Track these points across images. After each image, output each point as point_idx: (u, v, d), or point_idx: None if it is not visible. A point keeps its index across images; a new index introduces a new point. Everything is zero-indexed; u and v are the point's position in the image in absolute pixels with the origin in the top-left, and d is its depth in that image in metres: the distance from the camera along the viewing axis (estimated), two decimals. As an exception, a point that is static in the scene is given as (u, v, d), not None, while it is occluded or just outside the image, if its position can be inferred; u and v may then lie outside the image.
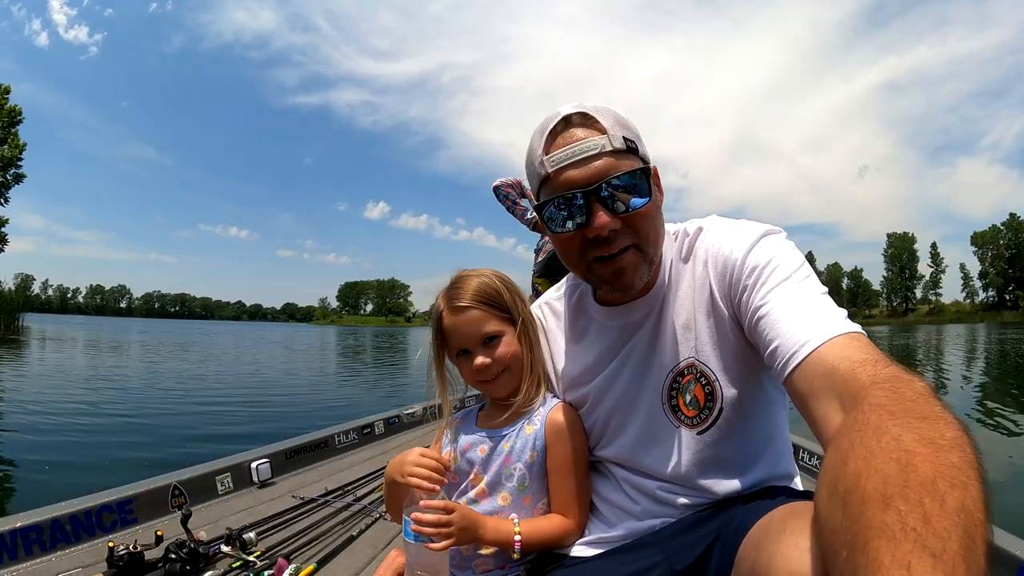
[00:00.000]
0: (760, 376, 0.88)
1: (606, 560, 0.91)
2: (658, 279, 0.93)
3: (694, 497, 0.89)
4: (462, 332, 1.01)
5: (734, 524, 0.74)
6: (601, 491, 1.00)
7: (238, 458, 2.18)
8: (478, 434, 1.07)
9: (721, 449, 0.88)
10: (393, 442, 2.96)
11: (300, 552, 1.57)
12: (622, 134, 0.82)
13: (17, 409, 7.29)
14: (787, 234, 0.87)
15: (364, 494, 2.08)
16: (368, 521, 1.82)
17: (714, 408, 0.87)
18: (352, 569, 1.46)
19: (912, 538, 0.38)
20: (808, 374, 0.67)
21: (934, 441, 0.45)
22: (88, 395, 8.51)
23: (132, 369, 13.47)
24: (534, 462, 1.00)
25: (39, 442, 5.45)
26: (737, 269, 0.83)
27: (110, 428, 6.15)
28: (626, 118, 0.85)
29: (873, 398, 0.53)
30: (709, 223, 0.93)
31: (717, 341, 0.87)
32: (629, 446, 0.95)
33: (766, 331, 0.75)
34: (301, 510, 1.89)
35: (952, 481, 0.41)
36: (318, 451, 2.55)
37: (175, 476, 1.91)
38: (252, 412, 7.64)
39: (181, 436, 5.89)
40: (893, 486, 0.42)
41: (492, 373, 1.01)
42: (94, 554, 1.48)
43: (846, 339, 0.67)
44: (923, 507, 0.40)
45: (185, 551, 1.44)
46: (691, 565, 0.80)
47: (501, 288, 1.03)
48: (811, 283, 0.78)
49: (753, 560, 0.63)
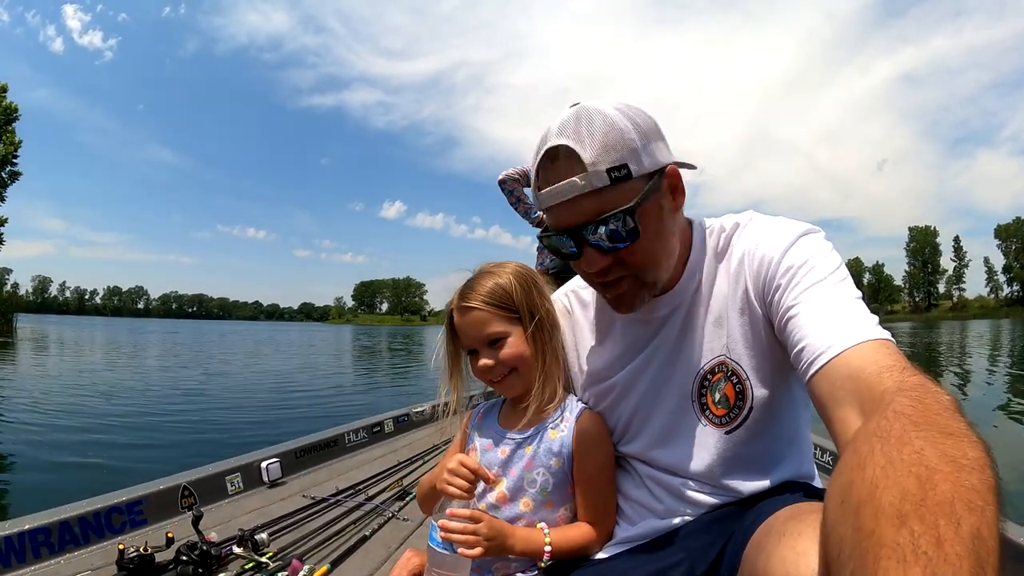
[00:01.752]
0: (789, 377, 0.87)
1: (626, 560, 0.89)
2: (685, 273, 0.91)
3: (719, 495, 0.88)
4: (468, 332, 1.00)
5: (746, 524, 0.74)
6: (623, 488, 0.98)
7: (248, 458, 2.16)
8: (499, 434, 1.05)
9: (748, 448, 0.86)
10: (403, 440, 2.93)
11: (313, 552, 1.54)
12: (607, 164, 0.76)
13: (15, 412, 7.31)
14: (825, 234, 0.84)
15: (375, 493, 2.05)
16: (380, 521, 1.79)
17: (744, 407, 0.86)
18: (366, 570, 1.43)
19: (923, 563, 0.37)
20: (832, 377, 0.66)
21: (956, 460, 0.44)
22: (75, 398, 8.51)
23: (118, 372, 13.44)
24: (559, 469, 0.98)
25: (35, 445, 5.44)
26: (772, 268, 0.81)
27: (103, 430, 6.13)
28: (623, 127, 0.77)
29: (898, 405, 0.51)
30: (746, 219, 0.90)
31: (749, 340, 0.85)
32: (654, 442, 0.93)
33: (794, 332, 0.74)
34: (312, 510, 1.86)
35: (970, 505, 0.40)
36: (328, 450, 2.53)
37: (184, 477, 1.88)
38: (258, 417, 7.64)
39: (189, 439, 5.91)
40: (910, 503, 0.40)
41: (498, 374, 1.00)
42: (104, 556, 1.45)
43: (875, 345, 0.66)
44: (937, 530, 0.38)
45: (197, 553, 1.42)
46: (711, 566, 0.78)
47: (513, 288, 1.00)
48: (845, 286, 0.76)
49: (753, 562, 0.63)
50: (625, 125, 0.77)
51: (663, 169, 0.80)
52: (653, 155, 0.79)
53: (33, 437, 5.72)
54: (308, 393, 10.48)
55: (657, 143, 0.80)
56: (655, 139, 0.80)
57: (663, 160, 0.80)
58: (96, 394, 8.99)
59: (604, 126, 0.76)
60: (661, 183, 0.80)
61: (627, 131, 0.77)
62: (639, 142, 0.77)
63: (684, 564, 0.81)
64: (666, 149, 0.82)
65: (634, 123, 0.78)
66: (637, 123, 0.78)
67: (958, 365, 13.53)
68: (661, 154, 0.80)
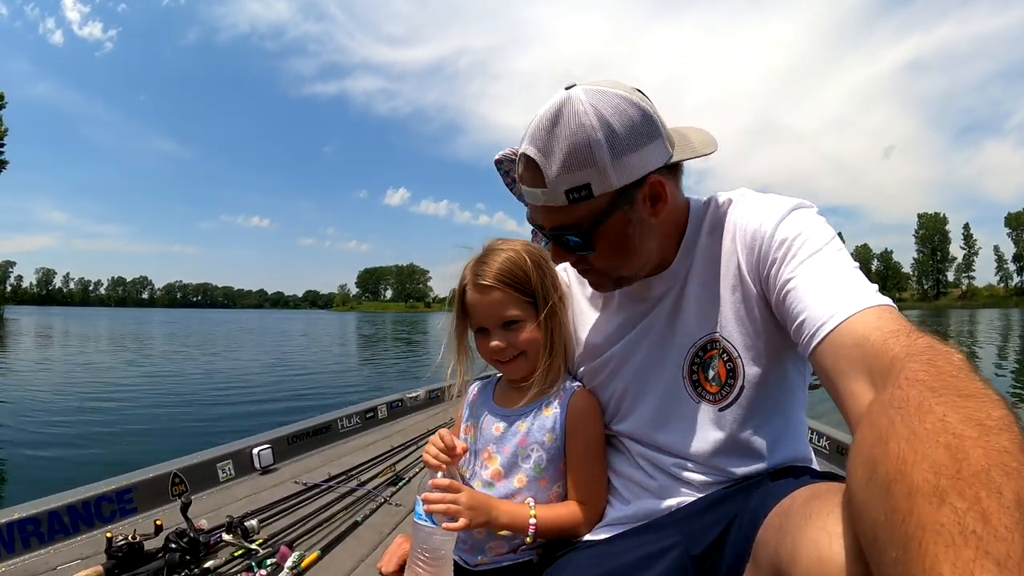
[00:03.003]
0: (783, 356, 0.86)
1: (620, 542, 0.88)
2: (680, 250, 0.90)
3: (712, 475, 0.87)
4: (482, 312, 0.99)
5: (751, 505, 0.72)
6: (617, 467, 0.98)
7: (239, 444, 2.15)
8: (494, 411, 1.05)
9: (741, 428, 0.86)
10: (396, 426, 2.93)
11: (304, 539, 1.54)
12: (566, 186, 0.76)
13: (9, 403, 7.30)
14: (818, 209, 0.84)
15: (368, 479, 2.05)
16: (373, 506, 1.79)
17: (735, 385, 0.85)
18: (357, 556, 1.44)
19: (973, 543, 0.35)
20: (836, 346, 0.64)
21: (982, 422, 0.42)
22: (65, 390, 8.52)
23: (114, 363, 13.45)
24: (552, 444, 0.98)
25: (22, 437, 5.45)
26: (766, 243, 0.80)
27: (95, 421, 6.16)
28: (590, 145, 0.74)
29: (910, 372, 0.49)
30: (739, 195, 0.90)
31: (741, 317, 0.85)
32: (647, 420, 0.93)
33: (794, 304, 0.72)
34: (304, 496, 1.86)
35: (1007, 469, 0.38)
36: (320, 436, 2.52)
37: (175, 464, 1.88)
38: (253, 405, 7.65)
39: (183, 426, 5.93)
40: (945, 477, 0.38)
41: (507, 356, 1.00)
42: (93, 545, 1.45)
43: (878, 311, 0.64)
44: (980, 503, 0.36)
45: (185, 540, 1.41)
46: (708, 548, 0.78)
47: (530, 269, 0.99)
48: (842, 256, 0.75)
49: (775, 545, 0.60)
50: (598, 138, 0.74)
51: (642, 180, 0.78)
52: (627, 168, 0.76)
53: (20, 429, 5.73)
54: (303, 380, 10.51)
55: (640, 151, 0.77)
56: (639, 146, 0.77)
57: (640, 172, 0.78)
58: (89, 385, 9.00)
59: (574, 139, 0.74)
60: (635, 195, 0.79)
61: (598, 146, 0.74)
62: (609, 158, 0.75)
63: (680, 546, 0.80)
64: (656, 151, 0.79)
65: (613, 132, 0.74)
66: (617, 131, 0.75)
67: (968, 355, 13.59)
68: (642, 164, 0.77)
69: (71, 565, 1.35)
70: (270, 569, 1.35)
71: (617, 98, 0.76)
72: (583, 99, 0.75)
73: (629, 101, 0.76)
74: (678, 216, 0.90)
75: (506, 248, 1.01)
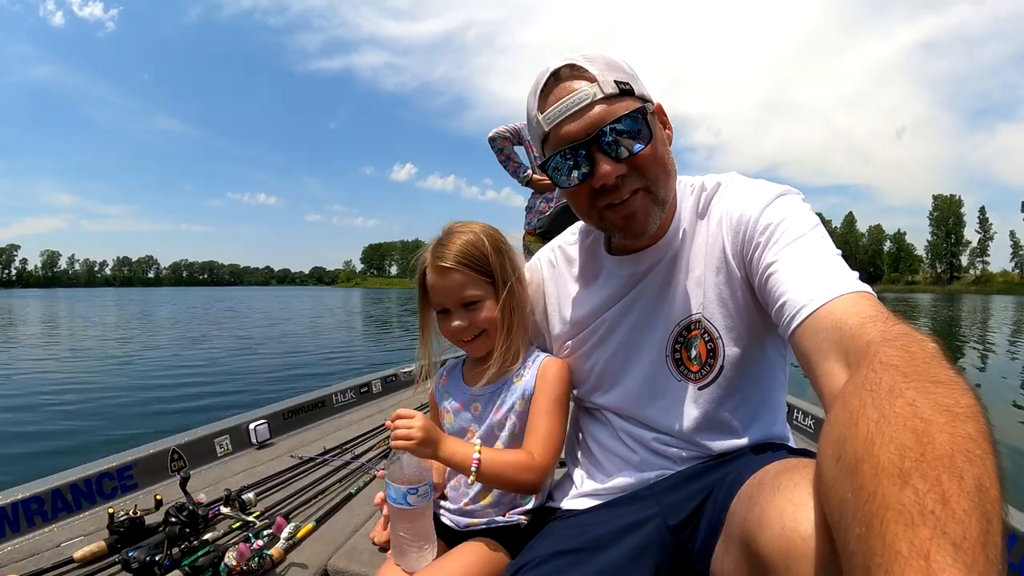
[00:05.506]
0: (763, 338, 0.89)
1: (602, 512, 0.92)
2: (670, 229, 0.92)
3: (691, 451, 0.91)
4: (443, 292, 1.01)
5: (728, 480, 0.75)
6: (600, 439, 1.01)
7: (236, 420, 2.20)
8: (466, 392, 1.09)
9: (720, 406, 0.89)
10: (390, 400, 2.99)
11: (299, 511, 1.60)
12: (613, 78, 0.81)
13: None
14: (804, 196, 0.86)
15: (362, 452, 2.11)
16: (366, 479, 1.85)
17: (715, 365, 0.88)
18: (351, 526, 1.49)
19: (931, 523, 0.36)
20: (815, 329, 0.66)
21: (950, 409, 0.43)
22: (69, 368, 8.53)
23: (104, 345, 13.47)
24: (524, 411, 1.02)
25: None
26: (750, 227, 0.83)
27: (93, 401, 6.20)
28: (618, 60, 0.85)
29: (884, 356, 0.51)
30: (728, 180, 0.92)
31: (724, 299, 0.87)
32: (630, 395, 0.96)
33: (775, 287, 0.75)
34: (299, 470, 1.91)
35: (970, 455, 0.40)
36: (316, 411, 2.58)
37: (174, 440, 1.93)
38: (253, 381, 7.70)
39: (182, 405, 5.98)
40: (910, 460, 0.40)
41: (469, 335, 1.03)
42: (95, 521, 1.51)
43: (856, 296, 0.66)
44: (941, 486, 0.38)
45: (185, 514, 1.47)
46: (685, 519, 0.81)
47: (488, 250, 1.02)
48: (824, 243, 0.77)
49: (745, 515, 0.63)
50: (617, 59, 0.85)
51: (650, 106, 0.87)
52: (643, 87, 0.86)
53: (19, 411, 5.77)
54: (300, 357, 10.58)
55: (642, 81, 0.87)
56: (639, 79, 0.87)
57: (651, 96, 0.88)
58: (93, 364, 9.04)
59: (603, 55, 0.84)
60: (653, 109, 0.87)
61: (624, 63, 0.86)
62: (632, 71, 0.85)
63: (658, 518, 0.84)
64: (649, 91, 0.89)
65: (623, 62, 0.86)
66: (624, 63, 0.86)
67: (980, 340, 13.39)
68: (646, 91, 0.87)
69: (75, 541, 1.40)
70: (267, 540, 1.40)
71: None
72: (581, 52, 0.85)
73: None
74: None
75: (465, 230, 1.04)
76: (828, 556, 0.49)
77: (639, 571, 0.79)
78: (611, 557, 0.80)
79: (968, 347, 12.00)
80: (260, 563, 1.23)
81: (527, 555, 0.87)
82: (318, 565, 1.28)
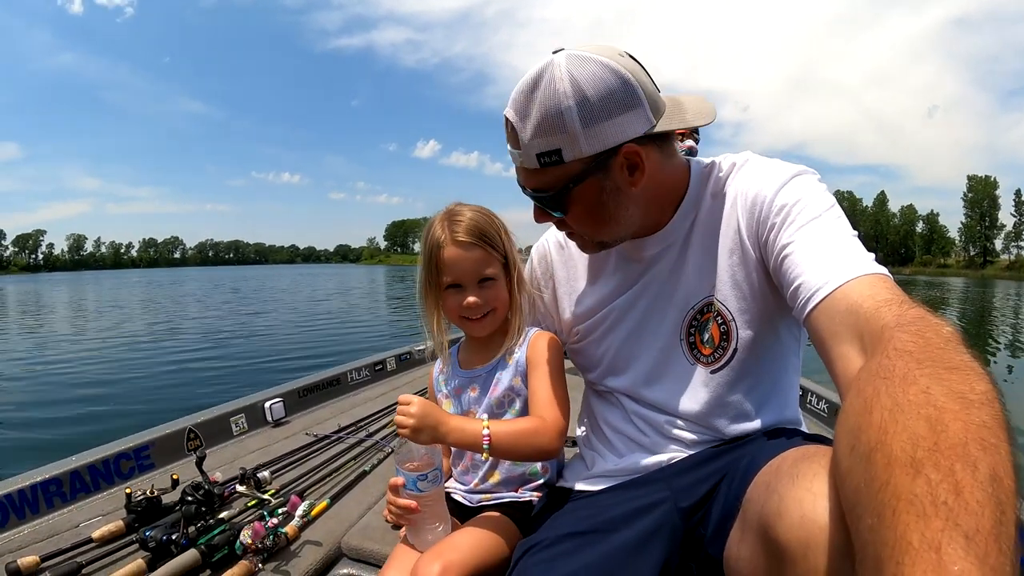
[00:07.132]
0: (776, 321, 0.88)
1: (612, 494, 0.91)
2: (680, 212, 0.91)
3: (702, 434, 0.90)
4: (461, 268, 1.00)
5: (742, 464, 0.75)
6: (611, 421, 1.00)
7: (252, 398, 2.22)
8: (465, 375, 1.09)
9: (732, 390, 0.88)
10: (405, 378, 2.99)
11: (314, 488, 1.60)
12: (538, 150, 0.79)
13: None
14: (820, 176, 0.84)
15: (376, 430, 2.11)
16: (380, 456, 1.85)
17: (728, 348, 0.87)
18: (365, 504, 1.49)
19: (943, 514, 0.36)
20: (830, 312, 0.65)
21: (964, 396, 0.43)
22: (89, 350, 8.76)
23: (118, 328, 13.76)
24: (522, 385, 1.03)
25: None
26: (766, 208, 0.81)
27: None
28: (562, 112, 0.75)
29: (898, 342, 0.51)
30: (743, 160, 0.90)
31: (738, 281, 0.85)
32: (641, 378, 0.95)
33: (791, 269, 0.73)
34: (314, 447, 1.92)
35: (984, 444, 0.39)
36: (331, 389, 2.59)
37: (190, 420, 1.94)
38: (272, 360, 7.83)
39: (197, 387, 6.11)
40: (922, 449, 0.39)
41: (479, 312, 1.02)
42: (113, 501, 1.53)
43: (872, 279, 0.65)
44: (954, 476, 0.37)
45: (201, 493, 1.48)
46: (696, 503, 0.80)
47: (500, 230, 1.03)
48: (841, 224, 0.76)
49: (763, 502, 0.62)
50: (570, 105, 0.75)
51: (616, 148, 0.77)
52: (600, 137, 0.77)
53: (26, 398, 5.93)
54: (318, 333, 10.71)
55: (616, 119, 0.77)
56: (614, 115, 0.77)
57: (615, 141, 0.78)
58: (112, 347, 9.26)
59: (547, 106, 0.76)
60: (610, 163, 0.78)
61: (569, 113, 0.75)
62: (580, 126, 0.76)
63: (669, 501, 0.84)
64: (635, 120, 0.78)
65: (586, 100, 0.75)
66: (591, 99, 0.75)
67: (1013, 328, 13.19)
68: (617, 132, 0.78)
69: (93, 521, 1.42)
70: (281, 518, 1.41)
71: (597, 65, 0.76)
72: (562, 65, 0.76)
73: (610, 69, 0.76)
74: (674, 182, 0.89)
75: (475, 209, 1.05)
76: (846, 546, 0.48)
77: (649, 554, 0.79)
78: (621, 539, 0.80)
79: (999, 333, 11.64)
80: (275, 541, 1.24)
81: (537, 536, 0.87)
82: (332, 543, 1.28)
